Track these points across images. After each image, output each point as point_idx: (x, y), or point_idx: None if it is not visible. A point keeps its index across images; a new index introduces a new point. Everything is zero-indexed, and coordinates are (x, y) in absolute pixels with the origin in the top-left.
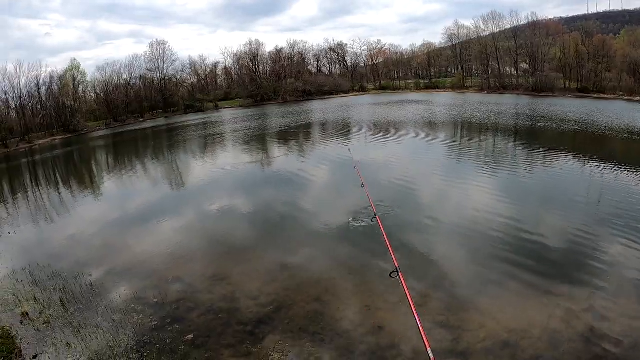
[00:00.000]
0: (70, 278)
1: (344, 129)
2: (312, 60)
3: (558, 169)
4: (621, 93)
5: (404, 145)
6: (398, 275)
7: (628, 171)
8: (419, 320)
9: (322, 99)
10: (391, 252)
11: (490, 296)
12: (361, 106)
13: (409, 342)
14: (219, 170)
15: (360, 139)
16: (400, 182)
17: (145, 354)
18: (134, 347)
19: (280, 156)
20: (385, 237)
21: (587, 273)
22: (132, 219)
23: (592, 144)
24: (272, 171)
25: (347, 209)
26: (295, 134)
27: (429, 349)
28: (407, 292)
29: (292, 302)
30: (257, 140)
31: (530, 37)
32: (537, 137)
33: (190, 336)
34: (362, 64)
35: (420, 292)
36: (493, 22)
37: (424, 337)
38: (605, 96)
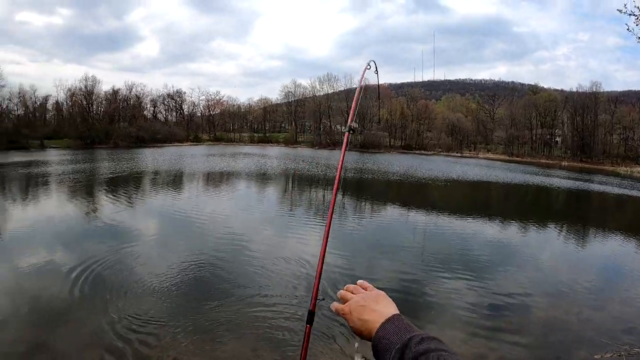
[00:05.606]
0: None
1: (177, 180)
2: (148, 105)
3: (385, 218)
4: (440, 149)
5: (237, 199)
6: None
7: (446, 215)
8: None
9: (155, 146)
10: None
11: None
12: (195, 157)
13: None
14: (44, 223)
15: (192, 191)
16: (231, 235)
17: None
18: None
19: (108, 207)
20: None
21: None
22: None
23: (414, 192)
24: (99, 224)
25: (178, 262)
26: (125, 182)
27: None
28: None
29: None
30: (85, 188)
31: (361, 99)
32: (364, 189)
33: None
34: (199, 114)
35: None
36: (328, 83)
37: None
38: (426, 152)
